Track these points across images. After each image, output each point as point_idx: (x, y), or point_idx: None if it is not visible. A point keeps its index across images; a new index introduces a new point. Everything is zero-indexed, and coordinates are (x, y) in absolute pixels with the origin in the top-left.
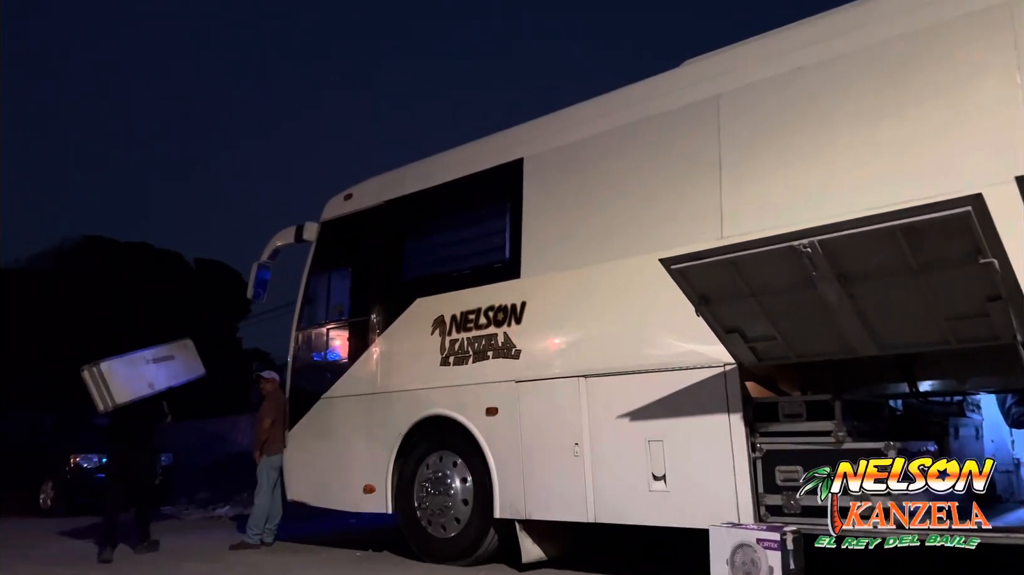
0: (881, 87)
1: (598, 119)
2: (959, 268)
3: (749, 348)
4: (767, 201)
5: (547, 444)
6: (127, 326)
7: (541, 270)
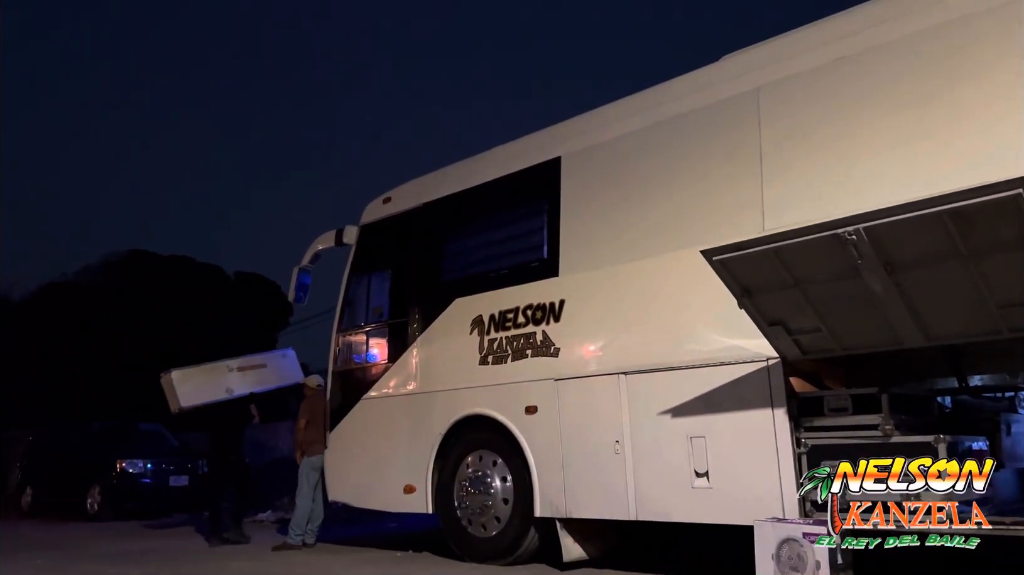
0: (925, 75)
1: (635, 116)
2: (1010, 253)
3: (793, 341)
4: (809, 192)
5: (587, 442)
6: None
7: (579, 268)
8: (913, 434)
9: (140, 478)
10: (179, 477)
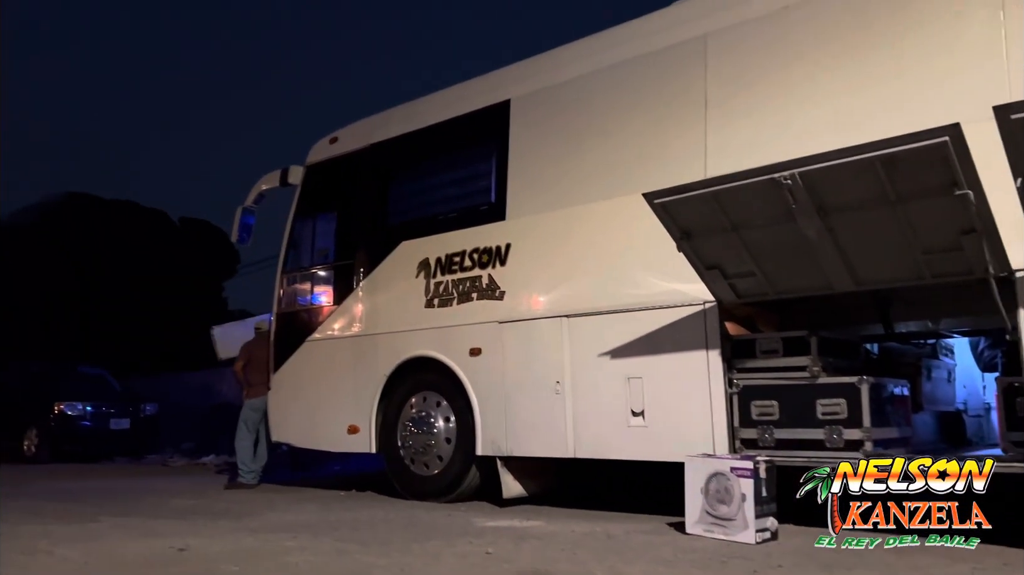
0: (865, 24)
1: (584, 60)
2: (935, 199)
3: (729, 285)
4: (752, 139)
5: (529, 383)
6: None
7: (526, 212)
8: (838, 375)
9: (79, 420)
10: (120, 420)
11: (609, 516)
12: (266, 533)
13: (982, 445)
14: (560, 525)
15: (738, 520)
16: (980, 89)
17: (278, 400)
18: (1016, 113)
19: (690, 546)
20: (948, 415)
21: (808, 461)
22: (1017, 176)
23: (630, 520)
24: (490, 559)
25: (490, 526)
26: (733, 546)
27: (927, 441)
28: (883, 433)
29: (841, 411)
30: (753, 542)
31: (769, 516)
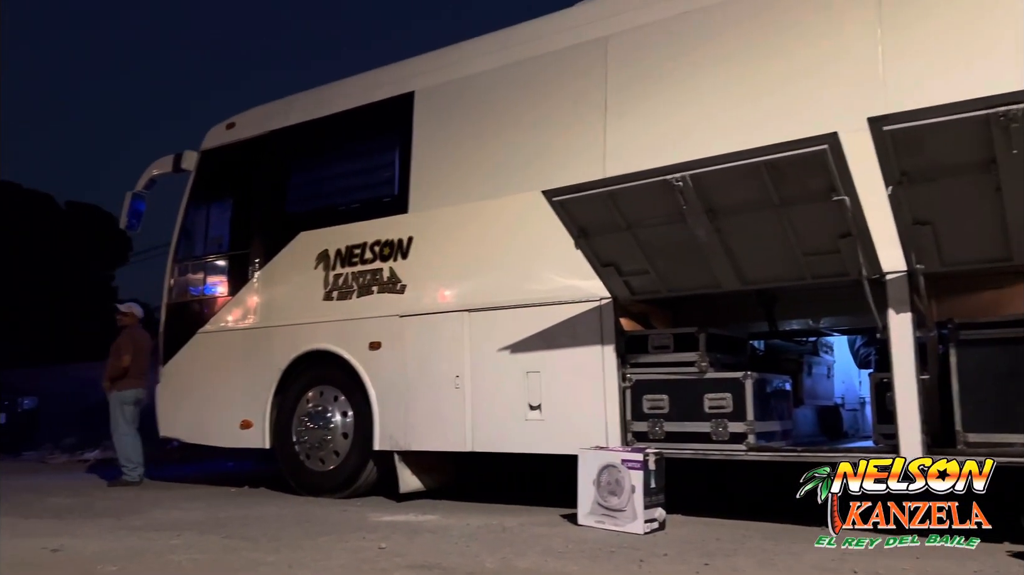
0: (758, 33)
1: (490, 55)
2: (815, 204)
3: (624, 282)
4: (649, 141)
5: (429, 377)
6: None
7: (429, 205)
8: (725, 371)
9: None
10: None
11: (506, 509)
12: (150, 531)
13: (857, 437)
14: (456, 519)
15: (628, 511)
16: (859, 100)
17: (167, 394)
18: (889, 125)
19: (581, 537)
20: (827, 409)
21: (695, 453)
22: (889, 184)
23: (526, 513)
24: (382, 554)
25: (385, 521)
26: (622, 536)
27: (807, 434)
28: (766, 426)
29: (727, 405)
30: (642, 532)
31: (658, 507)
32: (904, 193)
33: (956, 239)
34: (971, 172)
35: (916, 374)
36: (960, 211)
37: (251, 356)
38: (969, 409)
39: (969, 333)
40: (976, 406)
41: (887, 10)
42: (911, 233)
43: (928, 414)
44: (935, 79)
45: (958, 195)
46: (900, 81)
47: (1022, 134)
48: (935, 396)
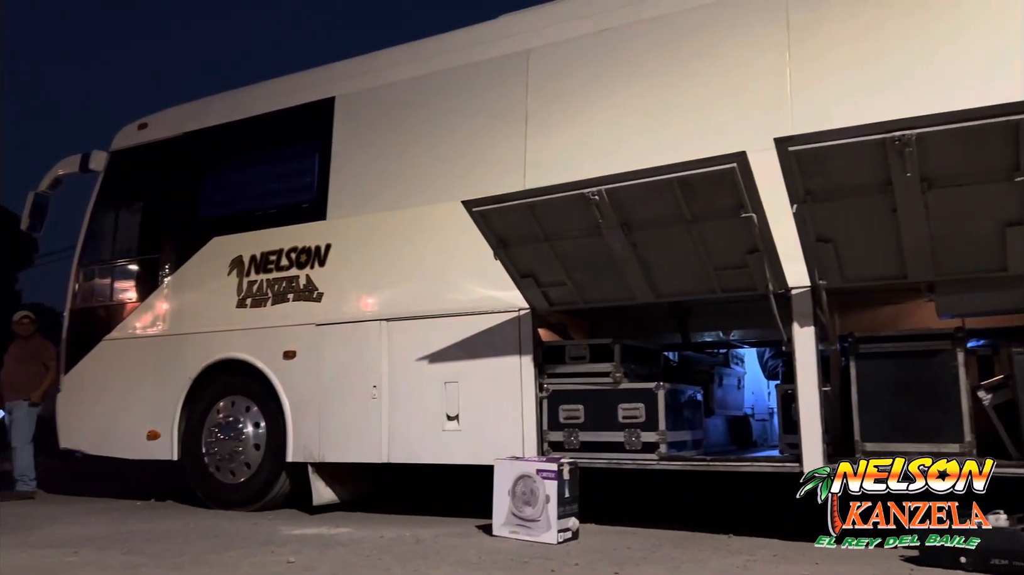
0: (674, 53)
1: (412, 64)
2: (725, 220)
3: (542, 293)
4: (569, 154)
5: (345, 387)
6: None
7: (348, 212)
8: (639, 381)
9: None
10: None
11: (421, 520)
12: (45, 548)
13: (766, 446)
14: (369, 531)
15: (542, 521)
16: (768, 121)
17: (69, 404)
18: (793, 145)
19: (495, 548)
20: (737, 419)
21: (609, 463)
22: (793, 202)
23: (441, 524)
24: (291, 568)
25: (296, 534)
26: (536, 546)
27: (718, 443)
28: (677, 436)
29: (640, 415)
30: (555, 542)
31: (571, 516)
32: (808, 211)
33: (856, 256)
34: (870, 193)
35: (818, 386)
36: (860, 230)
37: (159, 365)
38: (867, 419)
39: (868, 346)
40: (873, 416)
41: (795, 36)
42: (814, 250)
43: (830, 424)
44: (840, 103)
45: (858, 214)
46: (807, 104)
47: (916, 158)
48: (838, 407)
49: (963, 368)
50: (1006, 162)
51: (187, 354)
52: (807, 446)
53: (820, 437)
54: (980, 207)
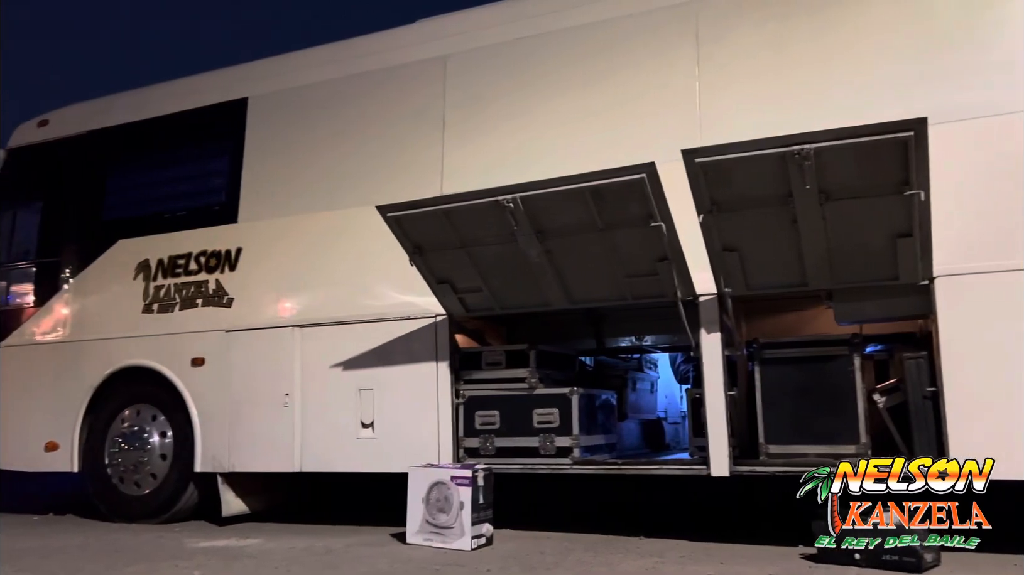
0: (590, 63)
1: (328, 65)
2: (635, 229)
3: (459, 299)
4: (486, 160)
5: (256, 395)
6: None
7: (260, 216)
8: (555, 387)
9: None
10: None
11: (334, 530)
12: None
13: (678, 449)
14: (279, 542)
15: (456, 528)
16: (678, 132)
17: None
18: (700, 157)
19: (408, 556)
20: (650, 422)
21: (523, 468)
22: (700, 212)
23: (355, 533)
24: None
25: (203, 547)
26: (449, 554)
27: (631, 447)
28: (591, 440)
29: (554, 420)
30: (469, 548)
31: (485, 522)
32: (714, 221)
33: (760, 265)
34: (772, 204)
35: (725, 390)
36: (763, 240)
37: (59, 372)
38: (770, 422)
39: (771, 352)
40: (776, 419)
41: (704, 50)
42: (720, 259)
43: (737, 427)
44: (746, 116)
45: (761, 225)
46: (715, 116)
47: (814, 172)
48: (744, 410)
49: (859, 372)
50: (896, 177)
51: (89, 361)
52: (714, 448)
53: (726, 440)
54: (873, 219)
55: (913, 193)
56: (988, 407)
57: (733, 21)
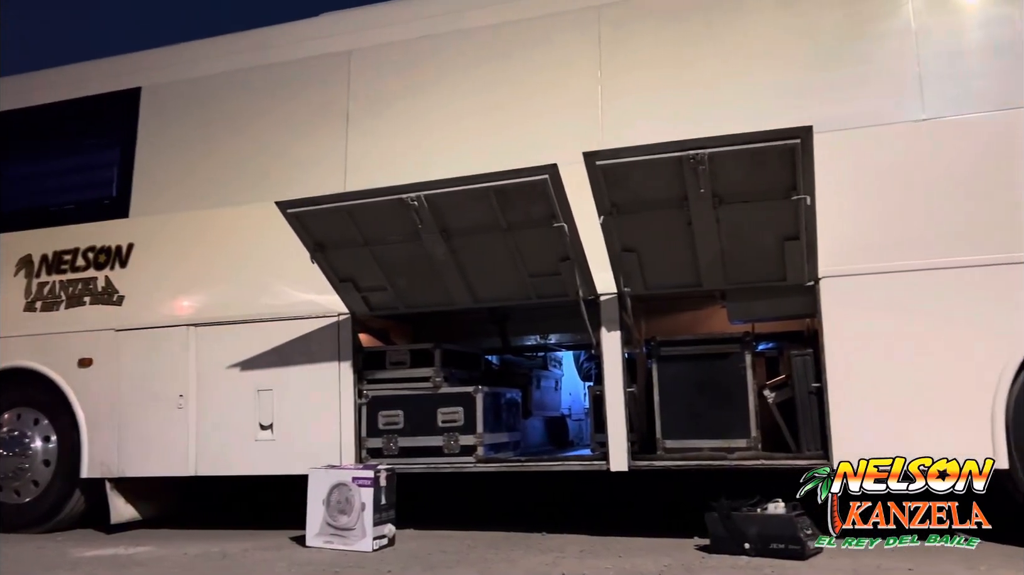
0: (495, 63)
1: (229, 57)
2: (538, 229)
3: (362, 298)
4: (391, 157)
5: (148, 397)
6: None
7: (153, 210)
8: (460, 386)
9: None
10: None
11: (232, 535)
12: None
13: (581, 445)
14: (172, 549)
15: (357, 529)
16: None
17: None
18: (600, 160)
19: (307, 559)
20: (554, 419)
21: (427, 467)
22: (601, 214)
23: (253, 538)
24: None
25: (88, 556)
26: (350, 556)
27: (535, 444)
28: (495, 438)
29: (459, 419)
30: (370, 550)
31: (388, 523)
32: (614, 222)
33: (657, 266)
34: (668, 207)
35: (624, 387)
36: (660, 241)
37: None
38: (667, 418)
39: (668, 349)
40: (673, 415)
41: (606, 54)
42: (620, 259)
43: (636, 423)
44: (646, 119)
45: (659, 227)
46: (616, 118)
47: (708, 176)
48: (643, 407)
49: (750, 369)
50: (784, 182)
51: None
52: (613, 444)
53: (625, 435)
54: (763, 222)
55: (799, 198)
56: (867, 401)
57: (635, 25)
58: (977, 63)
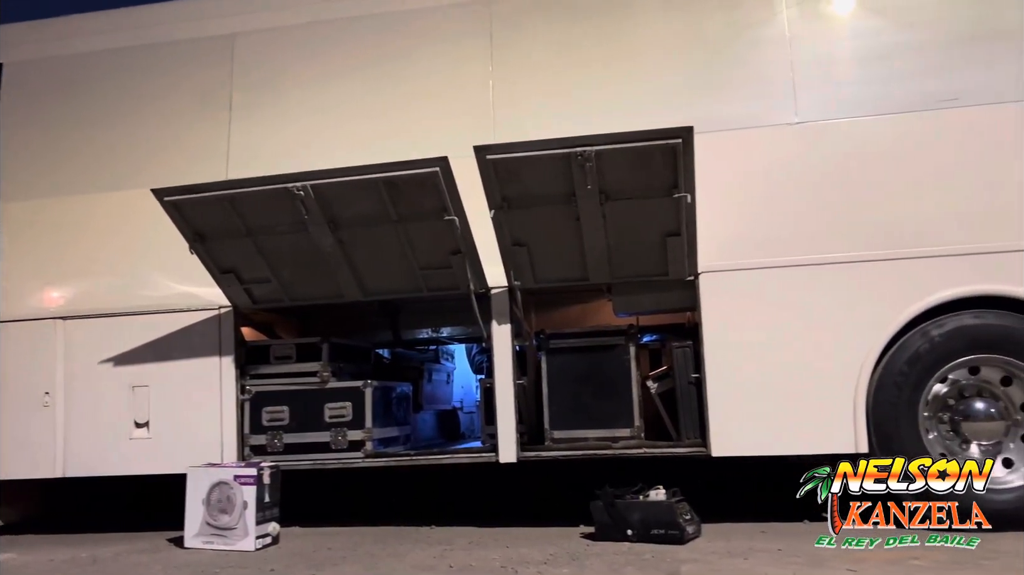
0: (386, 53)
1: (104, 35)
2: (429, 222)
3: (245, 290)
4: (275, 145)
5: (10, 394)
6: None
7: (19, 197)
8: (349, 380)
9: None
10: None
11: (103, 538)
12: None
13: (472, 438)
14: (38, 554)
15: (239, 528)
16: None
17: None
18: (491, 154)
19: (185, 561)
20: (446, 412)
21: (313, 464)
22: (492, 208)
23: (127, 541)
24: None
25: None
26: (231, 555)
27: (426, 437)
28: (384, 432)
29: (347, 414)
30: (253, 549)
31: (271, 521)
32: (504, 217)
33: (546, 260)
34: (557, 202)
35: (514, 379)
36: (549, 235)
37: None
38: (555, 409)
39: (556, 342)
40: (560, 406)
41: (498, 48)
42: (510, 253)
43: (525, 415)
44: (535, 116)
45: (548, 221)
46: (507, 113)
47: (595, 173)
48: (533, 398)
49: (634, 361)
50: (667, 180)
51: None
52: (503, 436)
53: (514, 427)
54: (647, 219)
55: (680, 196)
56: (742, 391)
57: (525, 21)
58: (847, 70)
